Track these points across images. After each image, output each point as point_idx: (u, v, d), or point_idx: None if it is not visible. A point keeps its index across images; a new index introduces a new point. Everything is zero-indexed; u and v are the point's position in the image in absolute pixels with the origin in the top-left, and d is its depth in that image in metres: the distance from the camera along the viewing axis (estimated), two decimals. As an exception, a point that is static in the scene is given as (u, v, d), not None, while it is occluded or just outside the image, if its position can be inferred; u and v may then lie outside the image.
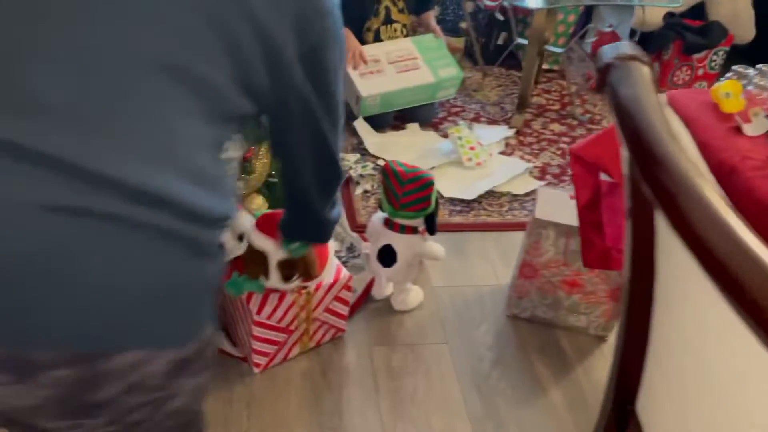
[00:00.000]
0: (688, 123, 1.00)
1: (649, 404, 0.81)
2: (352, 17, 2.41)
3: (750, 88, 1.10)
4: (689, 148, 0.98)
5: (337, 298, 1.61)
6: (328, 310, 1.61)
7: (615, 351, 0.87)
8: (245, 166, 1.46)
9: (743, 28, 3.12)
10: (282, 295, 1.49)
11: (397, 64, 2.54)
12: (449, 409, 1.54)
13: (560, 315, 1.77)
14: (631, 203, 0.69)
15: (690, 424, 0.68)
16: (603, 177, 1.24)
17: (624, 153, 0.65)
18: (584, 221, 1.31)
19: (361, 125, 2.48)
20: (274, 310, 1.48)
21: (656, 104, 0.62)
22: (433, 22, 2.74)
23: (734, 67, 1.22)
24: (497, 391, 1.60)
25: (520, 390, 1.61)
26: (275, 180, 1.60)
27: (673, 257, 0.65)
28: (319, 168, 0.98)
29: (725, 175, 0.92)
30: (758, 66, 1.18)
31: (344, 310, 1.64)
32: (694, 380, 0.64)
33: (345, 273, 1.59)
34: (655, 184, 0.57)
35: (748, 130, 1.00)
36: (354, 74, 2.46)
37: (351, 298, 1.75)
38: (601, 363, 1.71)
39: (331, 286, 1.57)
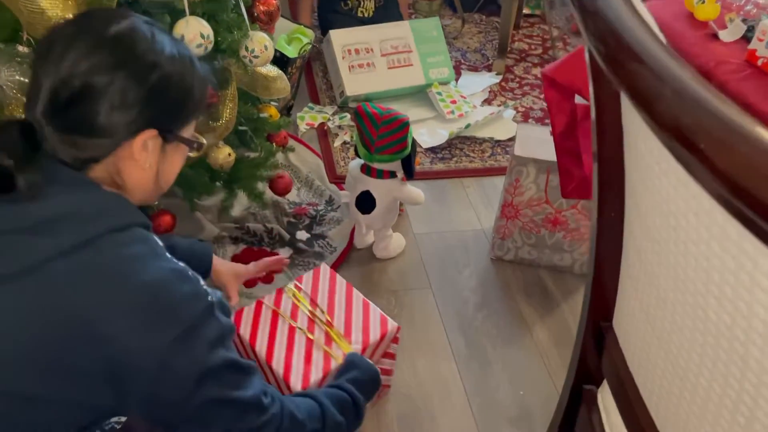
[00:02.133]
0: (662, 32, 0.96)
1: (624, 318, 0.79)
2: None
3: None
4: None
5: (385, 354, 1.32)
6: None
7: (589, 268, 0.84)
8: (212, 112, 1.40)
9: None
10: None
11: (390, 57, 2.39)
12: (435, 352, 1.53)
13: (544, 254, 1.74)
14: (595, 95, 0.65)
15: (663, 332, 0.65)
16: (578, 101, 1.20)
17: (586, 43, 0.60)
18: (561, 150, 1.27)
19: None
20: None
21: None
22: None
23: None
24: (482, 333, 1.58)
25: (505, 330, 1.60)
26: (245, 128, 1.55)
27: (641, 154, 0.61)
28: None
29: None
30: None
31: (392, 365, 1.36)
32: (666, 285, 0.61)
33: (392, 325, 1.28)
34: (616, 65, 0.53)
35: (724, 36, 0.95)
36: (343, 65, 2.32)
37: (332, 258, 1.71)
38: (587, 300, 1.69)
39: (378, 344, 1.27)
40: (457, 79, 2.53)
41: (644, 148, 0.57)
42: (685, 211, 0.50)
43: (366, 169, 1.64)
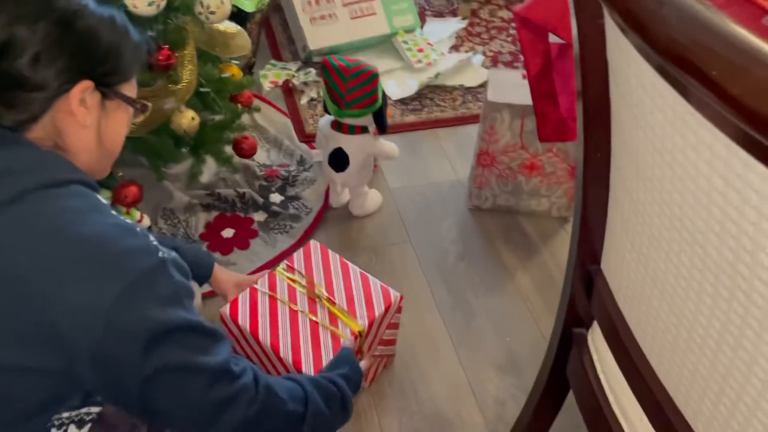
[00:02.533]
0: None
1: (614, 261, 0.78)
2: None
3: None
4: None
5: (390, 325, 1.30)
6: (381, 342, 1.30)
7: (576, 211, 0.82)
8: (170, 75, 1.33)
9: None
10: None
11: (352, 7, 2.28)
12: (418, 304, 1.52)
13: (522, 201, 1.73)
14: (579, 29, 0.62)
15: (658, 272, 0.64)
16: (552, 40, 1.16)
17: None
18: (537, 93, 1.24)
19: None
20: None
21: None
22: None
23: None
24: (465, 282, 1.58)
25: (487, 279, 1.59)
26: (207, 89, 1.48)
27: (631, 89, 0.58)
28: None
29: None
30: None
31: (395, 334, 1.34)
32: (660, 224, 0.60)
33: (395, 295, 1.26)
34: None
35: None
36: (304, 18, 2.23)
37: (308, 220, 1.68)
38: (566, 243, 1.69)
39: (383, 317, 1.25)
40: (422, 26, 2.46)
41: (635, 84, 0.54)
42: (682, 146, 0.48)
43: (337, 126, 1.59)
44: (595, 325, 0.87)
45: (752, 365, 0.50)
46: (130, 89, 0.83)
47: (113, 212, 0.74)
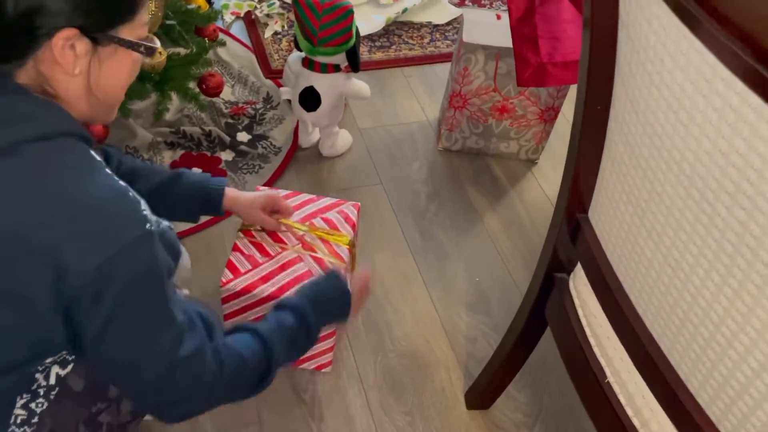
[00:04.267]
0: None
1: (604, 211, 0.80)
2: None
3: None
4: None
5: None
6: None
7: (568, 161, 0.84)
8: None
9: None
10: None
11: None
12: (391, 246, 1.54)
13: (491, 143, 1.75)
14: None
15: (656, 224, 0.66)
16: (538, -17, 1.15)
17: None
18: (518, 36, 1.23)
19: None
20: None
21: None
22: None
23: None
24: (436, 224, 1.60)
25: (458, 220, 1.62)
26: (172, 21, 1.40)
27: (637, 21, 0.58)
28: None
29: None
30: None
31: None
32: (665, 180, 0.62)
33: (352, 203, 1.30)
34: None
35: None
36: None
37: (277, 160, 1.65)
38: (533, 185, 1.73)
39: (356, 225, 1.28)
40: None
41: (641, 17, 0.54)
42: (692, 94, 0.49)
43: (308, 64, 1.54)
44: (578, 270, 0.91)
45: (749, 316, 0.54)
46: (132, 30, 0.74)
47: (107, 170, 0.70)
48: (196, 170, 1.61)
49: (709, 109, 0.49)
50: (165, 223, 0.76)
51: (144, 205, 0.71)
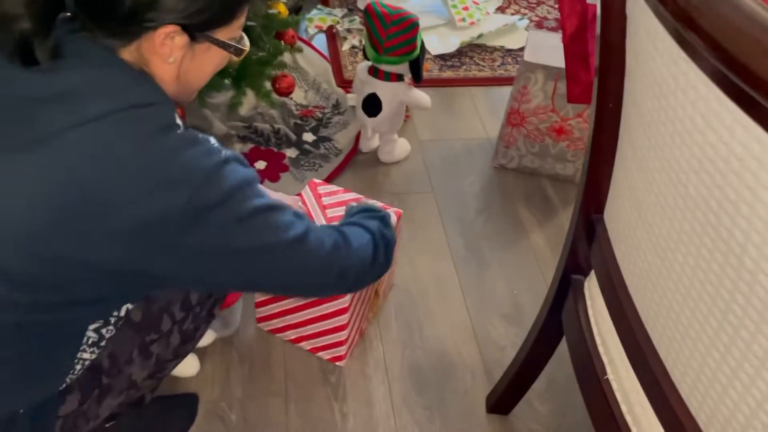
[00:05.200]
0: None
1: (615, 210, 0.82)
2: None
3: None
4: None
5: None
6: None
7: (585, 159, 0.87)
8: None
9: None
10: None
11: None
12: (434, 251, 1.58)
13: (547, 163, 1.77)
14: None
15: (654, 222, 0.69)
16: (591, 1, 1.18)
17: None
18: (570, 54, 1.27)
19: None
20: None
21: None
22: None
23: None
24: (481, 235, 1.64)
25: (504, 234, 1.65)
26: (253, 23, 1.54)
27: (640, 38, 0.62)
28: None
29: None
30: None
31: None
32: (658, 177, 0.64)
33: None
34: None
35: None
36: None
37: (336, 161, 1.74)
38: (586, 209, 1.73)
39: None
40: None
41: (643, 30, 0.58)
42: (683, 101, 0.53)
43: (373, 71, 1.64)
44: (593, 273, 0.92)
45: (739, 328, 0.55)
46: (228, 32, 0.82)
47: (180, 125, 0.77)
48: (262, 163, 1.73)
49: (697, 116, 0.52)
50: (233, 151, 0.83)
51: (214, 140, 0.78)
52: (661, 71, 0.55)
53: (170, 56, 0.79)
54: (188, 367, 1.25)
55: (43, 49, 0.71)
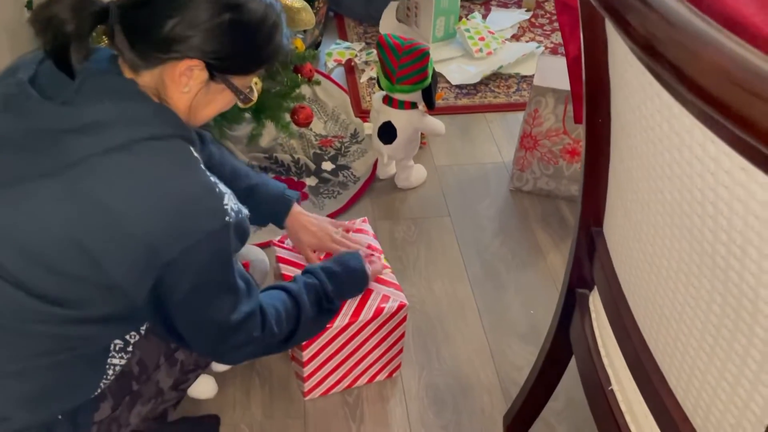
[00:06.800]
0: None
1: (611, 223, 0.84)
2: None
3: None
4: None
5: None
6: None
7: (582, 177, 0.89)
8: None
9: None
10: None
11: None
12: (451, 274, 1.61)
13: (562, 185, 1.78)
14: (584, 22, 0.69)
15: (643, 234, 0.70)
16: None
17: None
18: (573, 76, 1.30)
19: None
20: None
21: None
22: None
23: None
24: (498, 257, 1.65)
25: (520, 256, 1.66)
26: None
27: (624, 72, 0.65)
28: None
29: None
30: None
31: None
32: (647, 196, 0.66)
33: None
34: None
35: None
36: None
37: (355, 188, 1.79)
38: (603, 229, 1.73)
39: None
40: (486, 16, 2.53)
41: (619, 50, 0.61)
42: (659, 120, 0.56)
43: (388, 100, 1.69)
44: (596, 286, 0.94)
45: (732, 342, 0.57)
46: (243, 81, 0.89)
47: (201, 167, 0.84)
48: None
49: (673, 134, 0.55)
50: (245, 211, 0.89)
51: (227, 199, 0.85)
52: (634, 85, 0.58)
53: (186, 86, 0.85)
54: (206, 389, 1.29)
55: (79, 52, 0.78)
